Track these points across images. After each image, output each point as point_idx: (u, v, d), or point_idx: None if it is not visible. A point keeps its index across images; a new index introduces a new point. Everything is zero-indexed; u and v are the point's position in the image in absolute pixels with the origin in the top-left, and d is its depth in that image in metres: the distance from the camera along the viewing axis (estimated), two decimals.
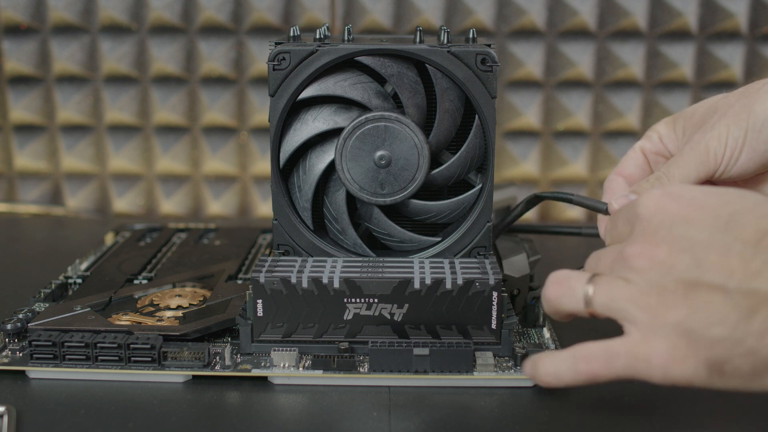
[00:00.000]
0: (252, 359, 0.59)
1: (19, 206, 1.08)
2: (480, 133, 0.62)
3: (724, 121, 0.57)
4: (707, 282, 0.44)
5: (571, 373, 0.48)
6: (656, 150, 0.63)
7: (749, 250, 0.43)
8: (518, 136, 1.05)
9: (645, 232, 0.46)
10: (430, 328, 0.59)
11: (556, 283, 0.50)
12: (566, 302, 0.49)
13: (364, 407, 0.55)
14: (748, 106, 0.57)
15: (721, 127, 0.57)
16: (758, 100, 0.57)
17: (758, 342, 0.42)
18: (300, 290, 0.58)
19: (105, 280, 0.72)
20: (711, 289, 0.43)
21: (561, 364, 0.48)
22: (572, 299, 0.49)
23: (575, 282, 0.49)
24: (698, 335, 0.43)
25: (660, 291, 0.45)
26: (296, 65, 0.61)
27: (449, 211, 0.64)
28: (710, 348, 0.43)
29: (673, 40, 1.01)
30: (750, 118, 0.57)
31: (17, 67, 1.03)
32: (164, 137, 1.06)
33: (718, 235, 0.44)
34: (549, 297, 0.50)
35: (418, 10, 1.01)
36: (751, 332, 0.42)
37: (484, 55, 0.60)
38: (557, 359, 0.48)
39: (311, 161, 0.63)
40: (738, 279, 0.43)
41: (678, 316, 0.44)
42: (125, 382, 0.58)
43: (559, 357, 0.48)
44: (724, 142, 0.57)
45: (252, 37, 1.02)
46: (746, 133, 0.57)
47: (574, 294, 0.48)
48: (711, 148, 0.57)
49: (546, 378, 0.49)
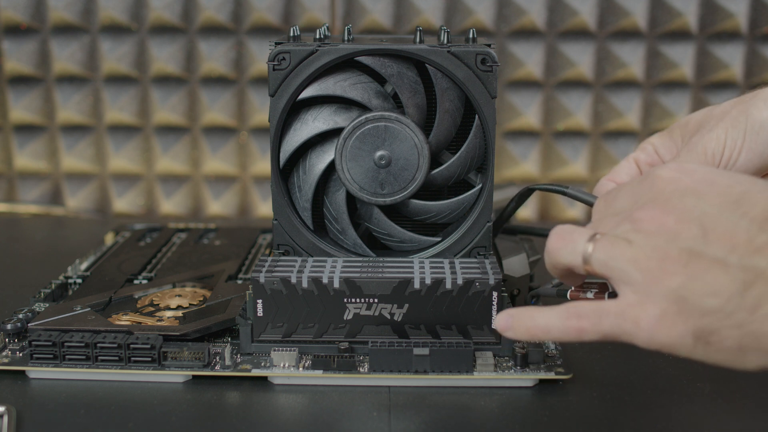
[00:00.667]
0: (252, 359, 0.59)
1: (19, 206, 1.08)
2: (480, 133, 0.62)
3: (722, 124, 0.58)
4: (710, 254, 0.44)
5: (560, 327, 0.48)
6: (650, 161, 0.63)
7: (755, 228, 0.44)
8: (518, 136, 1.05)
9: (656, 200, 0.47)
10: (430, 328, 0.59)
11: (559, 235, 0.50)
12: (565, 255, 0.50)
13: (364, 407, 0.55)
14: (745, 111, 0.58)
15: (719, 130, 0.58)
16: (754, 104, 0.58)
17: (749, 316, 0.43)
18: (300, 290, 0.58)
19: (105, 280, 0.72)
20: (712, 261, 0.44)
21: (553, 317, 0.48)
22: (572, 253, 0.49)
23: (577, 236, 0.49)
24: (691, 303, 0.44)
25: (662, 256, 0.45)
26: (296, 65, 0.61)
27: (449, 211, 0.64)
28: (701, 317, 0.44)
29: (673, 40, 1.01)
30: (748, 121, 0.57)
31: (17, 67, 1.03)
32: (164, 137, 1.06)
33: (727, 211, 0.45)
34: (549, 248, 0.51)
35: (418, 10, 1.01)
36: (744, 306, 0.43)
37: (484, 55, 0.60)
38: (550, 314, 0.49)
39: (311, 161, 0.63)
40: (739, 254, 0.43)
41: (675, 282, 0.44)
42: (125, 382, 0.58)
43: (552, 311, 0.49)
44: (722, 143, 0.58)
45: (252, 37, 1.02)
46: (745, 135, 0.57)
47: (574, 247, 0.49)
48: (709, 149, 0.58)
49: (534, 330, 0.49)
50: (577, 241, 0.49)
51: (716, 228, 0.44)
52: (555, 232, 0.51)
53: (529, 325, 0.49)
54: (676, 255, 0.45)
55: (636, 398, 0.56)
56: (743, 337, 0.43)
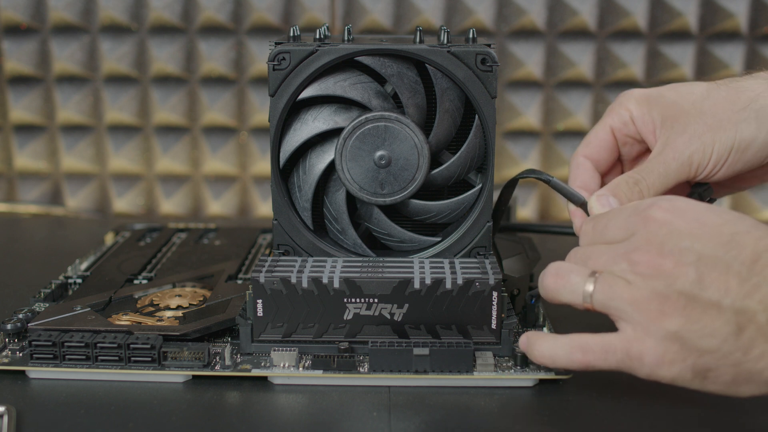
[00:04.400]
0: (252, 359, 0.59)
1: (19, 206, 1.08)
2: (480, 133, 0.62)
3: (710, 135, 0.58)
4: (706, 298, 0.47)
5: (566, 359, 0.52)
6: (626, 131, 0.62)
7: (745, 270, 0.47)
8: (518, 136, 1.05)
9: (651, 242, 0.49)
10: (430, 328, 0.59)
11: (556, 275, 0.53)
12: (564, 294, 0.52)
13: (364, 407, 0.55)
14: (735, 124, 0.58)
15: (707, 141, 0.58)
16: (746, 119, 0.58)
17: (743, 356, 0.47)
18: (300, 290, 0.58)
19: (105, 280, 0.72)
20: (708, 305, 0.47)
21: (558, 349, 0.52)
22: (572, 294, 0.52)
23: (576, 277, 0.52)
24: (691, 344, 0.47)
25: (661, 299, 0.48)
26: (296, 65, 0.61)
27: (449, 211, 0.64)
28: (699, 356, 0.47)
29: (673, 40, 1.01)
30: (737, 138, 0.58)
31: (17, 67, 1.03)
32: (164, 137, 1.06)
33: (720, 253, 0.48)
34: (548, 287, 0.53)
35: (418, 10, 1.01)
36: (738, 347, 0.47)
37: (484, 55, 0.60)
38: (556, 344, 0.52)
39: (311, 161, 0.63)
40: (732, 297, 0.47)
41: (675, 324, 0.48)
42: (125, 382, 0.58)
43: (558, 342, 0.52)
44: (708, 156, 0.59)
45: (252, 37, 1.02)
46: (731, 152, 0.59)
47: (573, 289, 0.52)
48: (695, 160, 0.59)
49: (541, 358, 0.53)
50: (575, 281, 0.52)
51: (711, 272, 0.47)
52: (551, 272, 0.53)
53: (537, 353, 0.53)
54: (674, 298, 0.48)
55: (636, 398, 0.56)
56: (738, 374, 0.47)
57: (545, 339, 0.53)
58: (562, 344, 0.52)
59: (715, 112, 0.59)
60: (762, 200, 1.05)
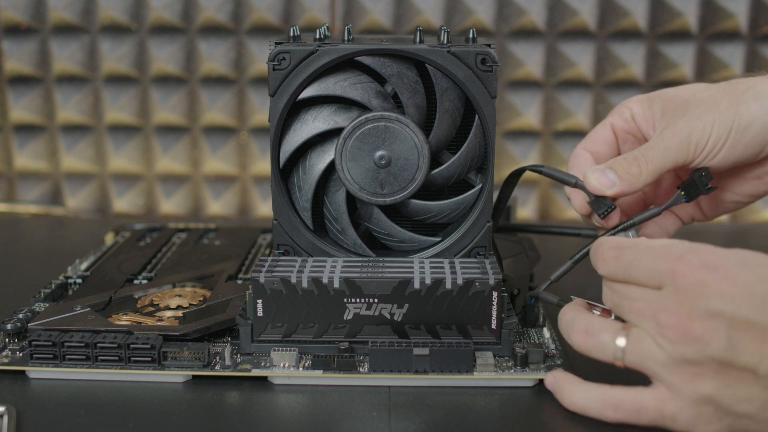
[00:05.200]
0: (252, 359, 0.59)
1: (19, 206, 1.08)
2: (480, 133, 0.62)
3: (711, 114, 0.58)
4: (741, 363, 0.46)
5: (597, 413, 0.52)
6: (627, 128, 0.63)
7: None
8: (518, 136, 1.05)
9: (681, 304, 0.48)
10: (430, 328, 0.59)
11: (586, 332, 0.52)
12: (596, 353, 0.52)
13: (364, 407, 0.55)
14: (735, 105, 0.58)
15: (707, 120, 0.58)
16: (744, 101, 0.58)
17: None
18: (300, 290, 0.58)
19: (105, 280, 0.72)
20: (743, 371, 0.46)
21: (590, 401, 0.52)
22: (602, 352, 0.51)
23: (606, 336, 0.51)
24: (726, 407, 0.47)
25: (693, 364, 0.47)
26: (296, 65, 0.61)
27: (449, 211, 0.64)
28: (737, 419, 0.47)
29: (673, 40, 1.01)
30: (736, 118, 0.58)
31: (17, 67, 1.03)
32: (164, 137, 1.06)
33: (754, 315, 0.46)
34: (578, 346, 0.53)
35: (418, 10, 1.01)
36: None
37: (484, 55, 0.60)
38: (587, 395, 0.52)
39: (311, 161, 0.63)
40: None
41: (708, 388, 0.47)
42: (125, 382, 0.58)
43: (590, 394, 0.52)
44: (707, 135, 0.58)
45: (252, 37, 1.02)
46: (730, 132, 0.58)
47: (604, 348, 0.51)
48: (694, 138, 0.58)
49: (572, 407, 0.53)
50: (606, 341, 0.51)
51: (744, 337, 0.46)
52: (579, 329, 0.53)
53: (567, 401, 0.53)
54: (706, 363, 0.47)
55: None
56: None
57: (576, 387, 0.53)
58: (594, 398, 0.52)
59: (714, 97, 0.59)
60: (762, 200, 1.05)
